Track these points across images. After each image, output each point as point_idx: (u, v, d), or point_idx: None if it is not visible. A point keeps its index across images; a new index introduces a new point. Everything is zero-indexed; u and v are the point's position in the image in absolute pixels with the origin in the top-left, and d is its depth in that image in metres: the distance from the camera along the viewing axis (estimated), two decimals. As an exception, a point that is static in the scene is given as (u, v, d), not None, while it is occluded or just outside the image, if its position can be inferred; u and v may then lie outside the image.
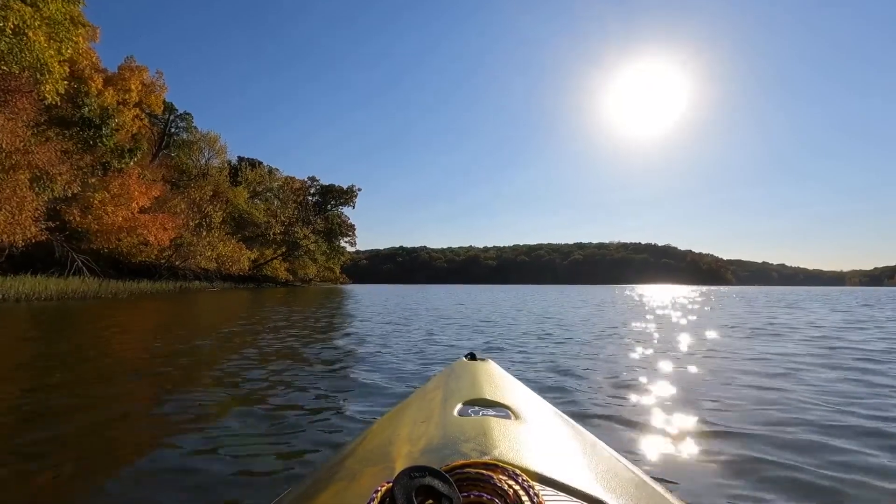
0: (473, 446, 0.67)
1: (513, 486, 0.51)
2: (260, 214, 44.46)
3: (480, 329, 7.16)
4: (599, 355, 4.62)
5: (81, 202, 17.90)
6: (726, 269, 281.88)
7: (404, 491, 0.46)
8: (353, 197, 66.04)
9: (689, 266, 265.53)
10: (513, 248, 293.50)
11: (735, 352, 4.93)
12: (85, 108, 18.74)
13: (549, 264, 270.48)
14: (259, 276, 46.13)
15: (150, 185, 21.40)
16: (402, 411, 1.00)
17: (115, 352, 4.72)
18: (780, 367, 4.00)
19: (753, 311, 12.34)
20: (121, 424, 2.38)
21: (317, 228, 55.76)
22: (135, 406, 2.74)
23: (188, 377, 3.51)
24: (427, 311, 11.17)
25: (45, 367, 3.78)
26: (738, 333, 6.74)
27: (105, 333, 6.34)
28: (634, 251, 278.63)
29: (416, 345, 5.32)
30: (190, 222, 26.74)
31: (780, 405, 2.75)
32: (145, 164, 30.26)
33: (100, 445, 2.07)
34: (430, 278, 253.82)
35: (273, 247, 48.75)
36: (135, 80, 35.74)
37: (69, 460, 1.86)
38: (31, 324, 7.68)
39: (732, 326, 7.83)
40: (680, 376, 3.65)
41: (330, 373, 3.70)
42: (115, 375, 3.55)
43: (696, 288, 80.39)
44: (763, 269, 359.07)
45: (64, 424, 2.31)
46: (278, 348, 4.94)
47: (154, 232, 20.56)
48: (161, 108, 37.85)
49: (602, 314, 10.61)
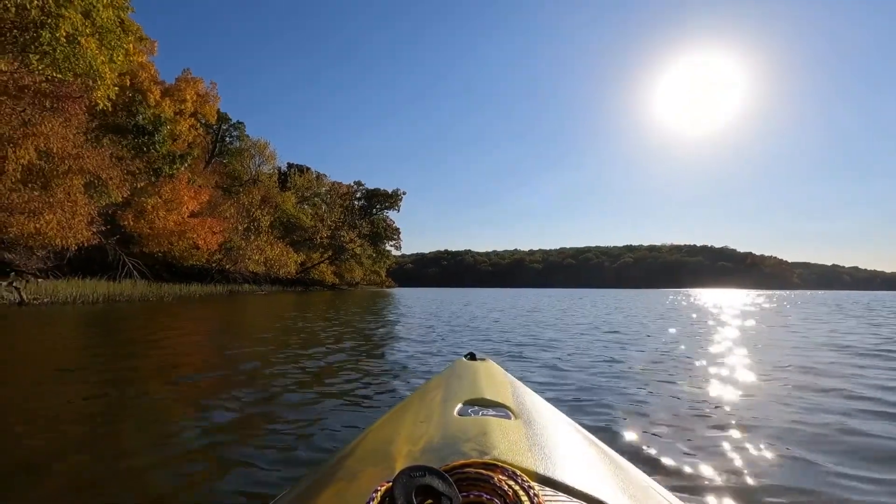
0: (473, 446, 0.67)
1: (512, 486, 0.51)
2: (307, 219, 45.27)
3: (557, 365, 4.39)
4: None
5: (135, 207, 18.43)
6: (791, 272, 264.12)
7: (404, 490, 0.46)
8: (398, 200, 66.41)
9: (750, 269, 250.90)
10: (559, 251, 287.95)
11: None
12: (139, 116, 19.31)
13: (598, 267, 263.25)
14: (306, 280, 46.91)
15: (199, 189, 21.80)
16: (402, 411, 0.99)
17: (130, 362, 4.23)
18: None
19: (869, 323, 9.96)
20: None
21: (362, 232, 56.24)
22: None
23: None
24: (483, 320, 10.27)
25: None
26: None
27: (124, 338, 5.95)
28: (688, 253, 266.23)
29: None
30: (239, 226, 27.24)
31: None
32: (198, 170, 31.27)
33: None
34: (475, 282, 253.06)
35: (320, 250, 49.52)
36: (190, 91, 37.21)
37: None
38: (67, 327, 7.52)
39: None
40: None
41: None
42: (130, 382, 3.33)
43: (761, 292, 75.04)
44: (833, 272, 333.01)
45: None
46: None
47: (203, 235, 20.93)
48: (215, 118, 39.35)
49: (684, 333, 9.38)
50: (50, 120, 11.73)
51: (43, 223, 11.82)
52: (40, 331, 7.09)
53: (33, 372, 3.83)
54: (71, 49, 12.48)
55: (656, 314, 12.11)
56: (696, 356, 4.90)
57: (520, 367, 4.10)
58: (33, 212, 11.62)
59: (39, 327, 7.53)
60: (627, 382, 3.56)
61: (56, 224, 12.15)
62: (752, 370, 4.12)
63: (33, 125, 11.32)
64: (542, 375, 3.79)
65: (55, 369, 3.91)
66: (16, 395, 3.02)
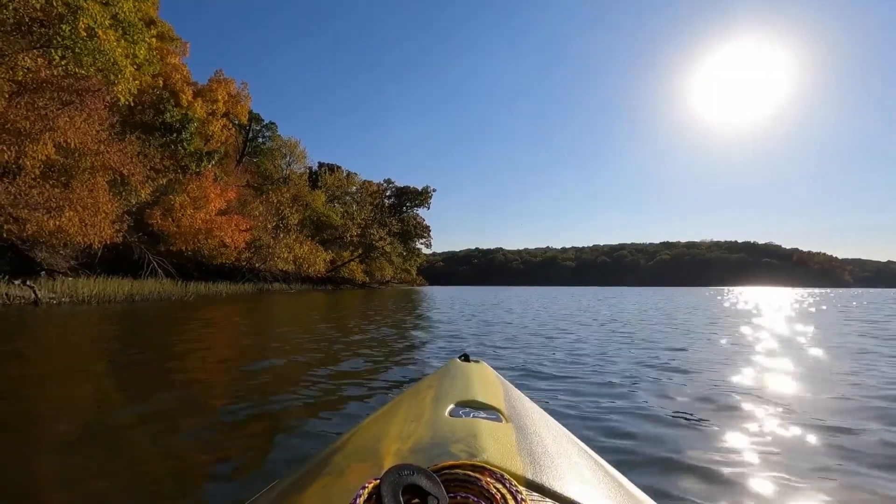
0: (463, 447, 0.67)
1: (500, 489, 0.51)
2: (337, 217, 45.16)
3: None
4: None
5: (162, 205, 18.30)
6: (843, 270, 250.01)
7: (391, 488, 0.46)
8: (427, 198, 65.81)
9: (796, 266, 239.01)
10: (592, 249, 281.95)
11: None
12: (167, 114, 19.18)
13: (633, 265, 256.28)
14: (337, 278, 46.80)
15: (226, 187, 21.53)
16: (393, 409, 0.97)
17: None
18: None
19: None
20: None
21: (392, 230, 55.82)
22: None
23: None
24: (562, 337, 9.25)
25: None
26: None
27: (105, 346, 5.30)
28: (729, 250, 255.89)
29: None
30: (268, 225, 27.05)
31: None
32: (229, 169, 31.40)
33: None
34: (506, 280, 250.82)
35: (350, 249, 49.34)
36: (222, 92, 37.53)
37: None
38: (62, 328, 6.99)
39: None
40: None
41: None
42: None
43: (812, 291, 70.56)
44: (888, 268, 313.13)
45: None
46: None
47: (230, 233, 20.68)
48: (246, 118, 39.66)
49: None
50: (68, 114, 11.42)
51: (64, 220, 11.58)
52: (28, 332, 6.60)
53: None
54: (91, 43, 12.21)
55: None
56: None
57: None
58: (54, 209, 11.39)
59: (32, 328, 7.05)
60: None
61: (78, 221, 11.90)
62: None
63: (51, 119, 11.01)
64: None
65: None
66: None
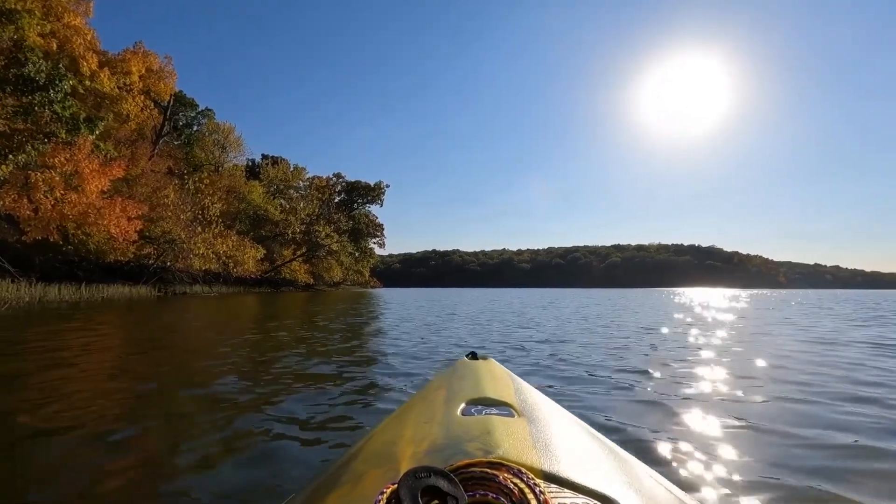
0: (478, 445, 0.67)
1: (518, 484, 0.51)
2: (276, 212, 40.55)
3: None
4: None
5: (14, 182, 13.80)
6: (777, 271, 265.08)
7: (410, 492, 0.46)
8: (380, 194, 61.77)
9: (737, 268, 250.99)
10: (547, 251, 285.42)
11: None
12: (29, 66, 14.71)
13: (586, 267, 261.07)
14: (276, 280, 42.13)
15: (111, 163, 16.84)
16: (405, 412, 0.97)
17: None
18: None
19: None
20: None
21: (341, 228, 51.43)
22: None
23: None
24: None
25: None
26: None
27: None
28: (676, 252, 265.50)
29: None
30: (181, 215, 22.54)
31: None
32: (142, 152, 26.65)
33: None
34: (463, 281, 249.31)
35: (292, 247, 44.75)
36: (137, 64, 32.42)
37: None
38: None
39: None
40: None
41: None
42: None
43: (752, 292, 71.89)
44: (816, 270, 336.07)
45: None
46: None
47: (114, 221, 16.26)
48: (168, 96, 34.65)
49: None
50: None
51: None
52: None
53: None
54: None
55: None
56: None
57: None
58: None
59: None
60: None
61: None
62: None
63: None
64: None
65: None
66: None
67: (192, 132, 40.53)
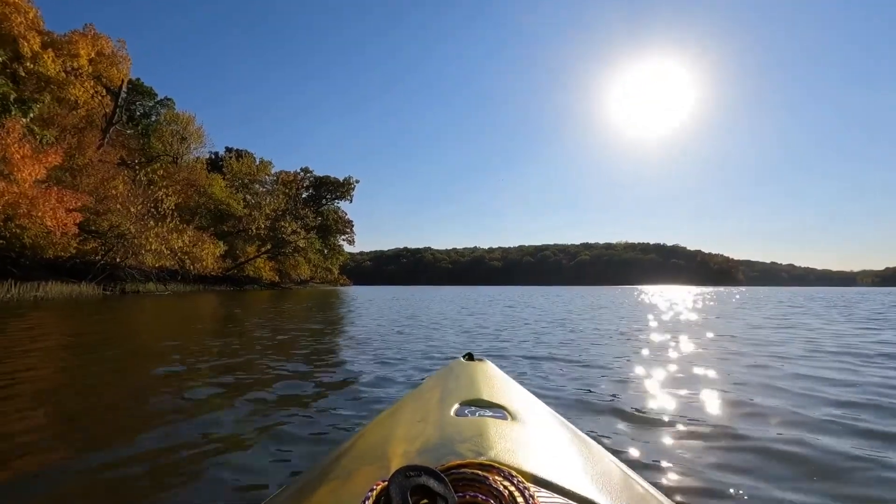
0: (470, 447, 0.66)
1: (508, 487, 0.51)
2: (239, 206, 38.69)
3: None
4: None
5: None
6: (737, 270, 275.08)
7: (400, 490, 0.46)
8: (350, 190, 60.24)
9: (699, 266, 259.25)
10: (518, 249, 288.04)
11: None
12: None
13: (556, 265, 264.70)
14: (240, 277, 40.30)
15: (43, 150, 15.03)
16: (398, 410, 0.97)
17: None
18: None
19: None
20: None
21: (309, 224, 49.75)
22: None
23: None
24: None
25: None
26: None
27: None
28: (642, 251, 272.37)
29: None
30: (131, 208, 20.90)
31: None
32: (89, 141, 24.72)
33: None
34: (435, 280, 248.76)
35: (257, 243, 42.93)
36: (85, 47, 30.23)
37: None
38: None
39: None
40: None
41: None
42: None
43: (713, 289, 73.98)
44: (772, 269, 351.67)
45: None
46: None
47: (50, 213, 14.72)
48: (119, 82, 32.49)
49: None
50: None
51: None
52: None
53: None
54: None
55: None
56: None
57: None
58: None
59: None
60: None
61: None
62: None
63: None
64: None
65: None
66: None
67: (149, 122, 38.32)
